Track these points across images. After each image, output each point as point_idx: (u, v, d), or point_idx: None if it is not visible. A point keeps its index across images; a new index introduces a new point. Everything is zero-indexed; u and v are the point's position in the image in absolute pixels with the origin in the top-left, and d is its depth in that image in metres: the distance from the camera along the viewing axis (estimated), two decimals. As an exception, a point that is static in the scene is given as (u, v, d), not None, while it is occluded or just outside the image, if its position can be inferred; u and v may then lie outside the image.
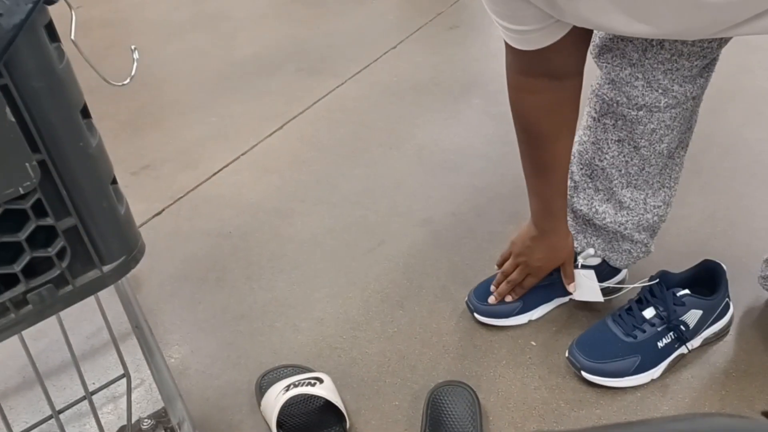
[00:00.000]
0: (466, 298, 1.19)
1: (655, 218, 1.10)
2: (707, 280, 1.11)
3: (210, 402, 1.09)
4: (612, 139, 1.03)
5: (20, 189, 0.52)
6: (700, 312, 1.05)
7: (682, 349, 1.07)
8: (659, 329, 1.05)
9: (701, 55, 0.91)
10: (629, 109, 0.98)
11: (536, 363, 1.11)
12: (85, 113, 0.57)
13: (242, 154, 1.73)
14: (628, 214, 1.09)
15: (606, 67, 0.99)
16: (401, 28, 2.35)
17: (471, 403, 1.01)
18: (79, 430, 1.06)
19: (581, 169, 1.11)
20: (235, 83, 2.10)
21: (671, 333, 1.05)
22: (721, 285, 1.09)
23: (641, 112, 0.98)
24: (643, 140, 1.01)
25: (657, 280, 1.07)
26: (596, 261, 1.16)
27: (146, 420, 0.91)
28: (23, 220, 0.55)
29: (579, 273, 1.13)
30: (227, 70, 2.19)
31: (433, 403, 1.02)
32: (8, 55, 0.47)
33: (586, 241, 1.15)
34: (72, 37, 0.53)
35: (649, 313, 1.06)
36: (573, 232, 1.16)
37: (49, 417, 0.93)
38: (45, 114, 0.51)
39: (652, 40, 0.90)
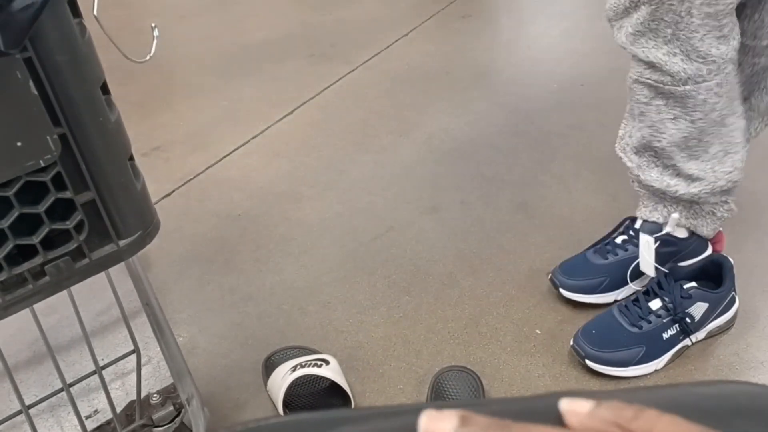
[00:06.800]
0: (550, 275, 1.20)
1: (729, 183, 1.09)
2: (714, 274, 1.11)
3: (217, 381, 1.10)
4: (667, 119, 1.05)
5: (41, 162, 0.53)
6: (706, 305, 1.06)
7: (687, 341, 1.08)
8: (665, 320, 1.05)
9: (725, 12, 0.93)
10: (675, 86, 1.00)
11: (540, 351, 1.12)
12: (105, 89, 0.58)
13: (252, 138, 1.74)
14: (700, 183, 1.09)
15: (643, 51, 1.00)
16: (413, 16, 2.35)
17: (475, 388, 1.02)
18: (88, 404, 1.07)
19: (642, 153, 1.11)
20: (246, 67, 2.10)
21: (676, 325, 1.06)
22: (727, 278, 1.09)
23: (688, 86, 1.00)
24: (697, 112, 1.02)
25: (666, 272, 1.07)
26: (683, 234, 1.15)
27: (155, 395, 0.92)
28: (43, 193, 0.56)
29: (646, 238, 1.12)
30: (238, 54, 2.19)
31: (437, 387, 1.03)
32: (33, 29, 0.47)
33: (666, 210, 1.15)
34: (95, 12, 0.53)
35: (655, 304, 1.06)
36: (651, 204, 1.16)
37: (60, 390, 0.94)
38: (67, 88, 0.52)
39: (681, 11, 0.93)
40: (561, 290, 1.18)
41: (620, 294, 1.18)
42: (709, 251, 1.20)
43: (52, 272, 0.59)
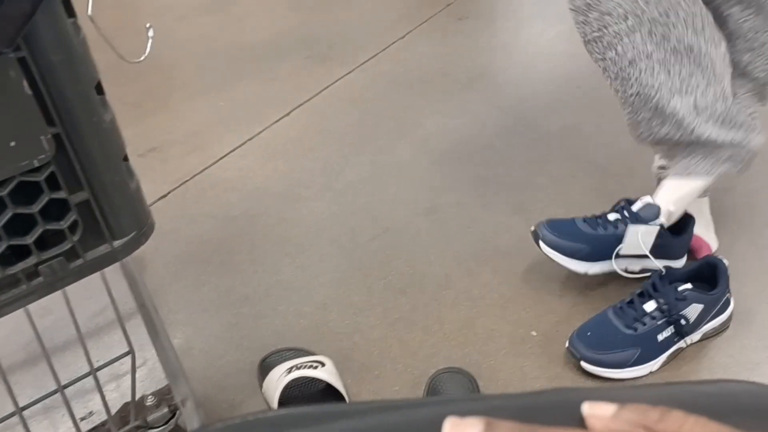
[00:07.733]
0: (534, 227, 1.20)
1: (718, 111, 1.08)
2: (709, 276, 1.11)
3: (212, 382, 1.10)
4: (624, 65, 1.05)
5: (35, 161, 0.53)
6: (701, 306, 1.06)
7: (681, 343, 1.08)
8: (659, 322, 1.05)
9: None
10: (618, 23, 1.01)
11: (536, 353, 1.12)
12: (99, 89, 0.58)
13: (249, 139, 1.74)
14: (689, 125, 1.08)
15: None
16: (410, 18, 2.35)
17: (470, 389, 1.02)
18: (83, 406, 1.07)
19: (631, 104, 1.10)
20: (243, 68, 2.10)
21: (671, 327, 1.06)
22: (722, 280, 1.09)
23: (629, 21, 1.01)
24: (647, 45, 1.02)
25: (661, 274, 1.08)
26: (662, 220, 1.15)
27: (150, 397, 0.92)
28: (37, 193, 0.55)
29: (637, 229, 1.12)
30: (236, 54, 2.19)
31: (433, 388, 1.03)
32: (27, 28, 0.47)
33: (686, 161, 1.13)
34: (89, 12, 0.53)
35: (650, 306, 1.06)
36: (667, 159, 1.15)
37: (54, 392, 0.94)
38: (61, 88, 0.52)
39: None
40: (540, 242, 1.17)
41: (592, 268, 1.17)
42: (683, 260, 1.21)
43: (46, 273, 0.59)
